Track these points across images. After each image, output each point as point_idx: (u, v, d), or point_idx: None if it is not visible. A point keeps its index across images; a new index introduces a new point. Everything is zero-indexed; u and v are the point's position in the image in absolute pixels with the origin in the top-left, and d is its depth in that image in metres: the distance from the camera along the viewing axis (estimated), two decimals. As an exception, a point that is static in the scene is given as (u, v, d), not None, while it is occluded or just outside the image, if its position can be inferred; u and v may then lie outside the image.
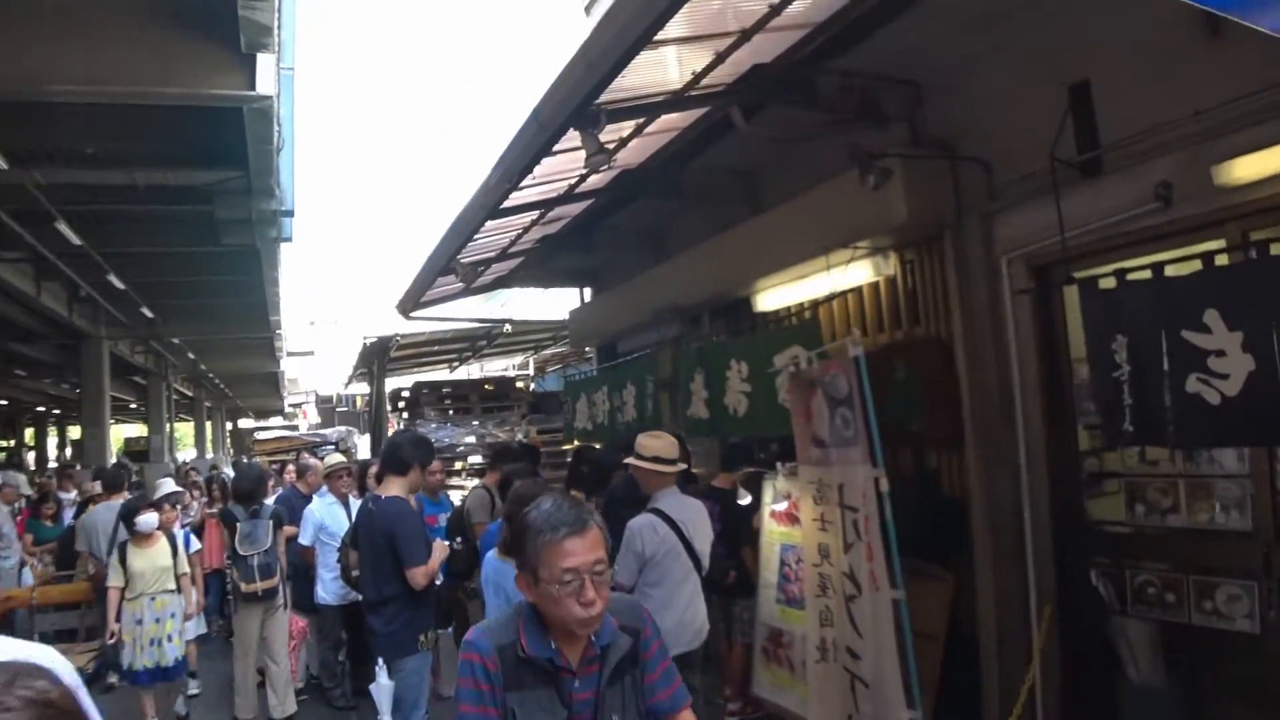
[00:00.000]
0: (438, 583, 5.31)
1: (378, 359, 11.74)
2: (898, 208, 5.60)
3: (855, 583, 4.74)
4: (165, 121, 12.16)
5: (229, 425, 51.18)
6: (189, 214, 15.48)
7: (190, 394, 40.45)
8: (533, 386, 14.33)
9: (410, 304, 9.71)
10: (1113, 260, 4.83)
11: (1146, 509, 5.06)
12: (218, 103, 10.38)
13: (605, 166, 5.15)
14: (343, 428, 15.59)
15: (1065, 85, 5.04)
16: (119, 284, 16.84)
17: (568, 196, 7.04)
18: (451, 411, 12.61)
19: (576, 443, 10.08)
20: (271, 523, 7.61)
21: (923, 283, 6.30)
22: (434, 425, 12.04)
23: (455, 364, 15.76)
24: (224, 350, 29.12)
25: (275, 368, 34.48)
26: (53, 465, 34.18)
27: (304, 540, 7.54)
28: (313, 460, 9.04)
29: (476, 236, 7.28)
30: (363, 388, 25.20)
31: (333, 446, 13.75)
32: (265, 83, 10.14)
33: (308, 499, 8.49)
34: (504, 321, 12.07)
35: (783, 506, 5.71)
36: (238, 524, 7.45)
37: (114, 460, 23.53)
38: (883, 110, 5.87)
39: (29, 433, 45.50)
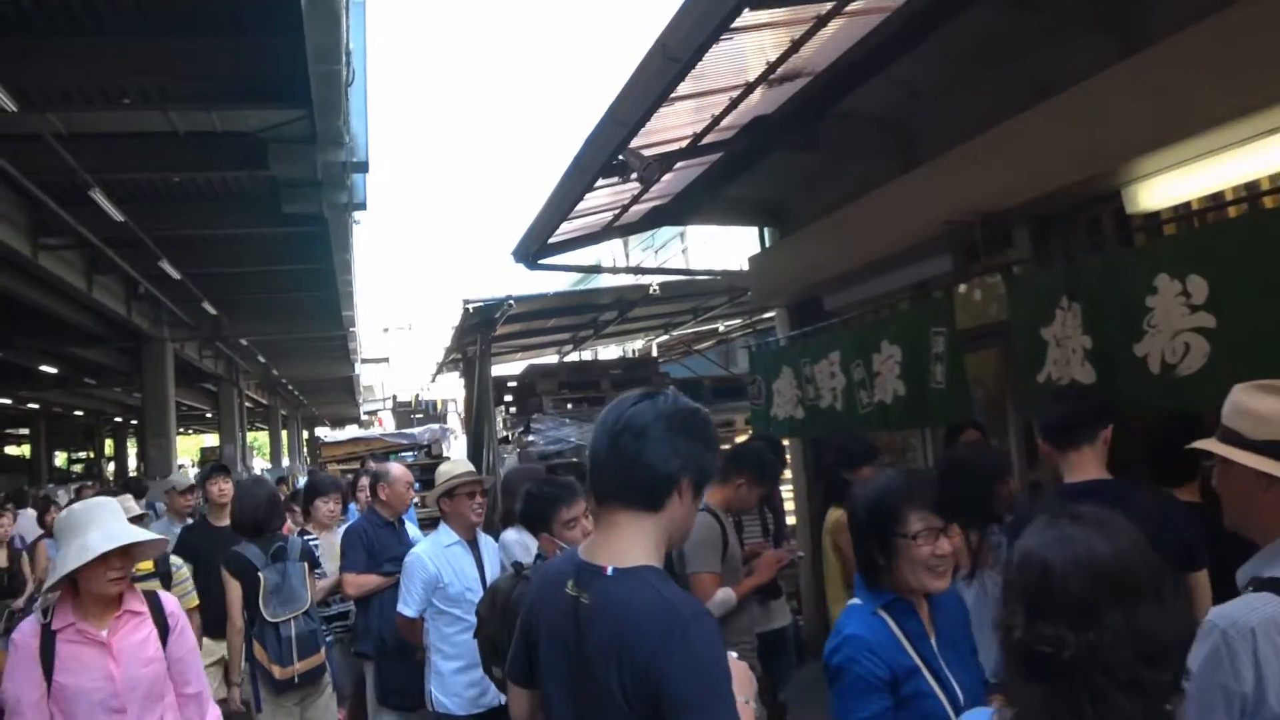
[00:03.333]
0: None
1: (481, 334, 8.63)
2: None
3: None
4: (208, 51, 9.34)
5: (305, 434, 48.79)
6: (244, 183, 12.72)
7: (265, 402, 38.23)
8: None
9: (537, 242, 6.40)
10: None
11: None
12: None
13: None
14: (436, 425, 12.42)
15: None
16: (174, 273, 14.12)
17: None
18: (570, 404, 9.49)
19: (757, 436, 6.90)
20: (305, 565, 4.80)
21: None
22: (549, 424, 8.92)
23: (568, 348, 12.49)
24: (296, 353, 26.51)
25: (350, 372, 31.79)
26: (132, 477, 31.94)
27: (408, 609, 4.36)
28: (393, 466, 5.91)
29: (679, 91, 4.10)
30: (447, 385, 22.16)
31: (421, 452, 10.71)
32: (329, -39, 7.21)
33: (394, 529, 5.44)
34: (661, 272, 8.71)
35: None
36: (259, 574, 4.56)
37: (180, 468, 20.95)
38: None
39: (109, 444, 43.44)
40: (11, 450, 40.51)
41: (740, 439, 9.01)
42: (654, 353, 13.09)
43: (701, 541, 3.91)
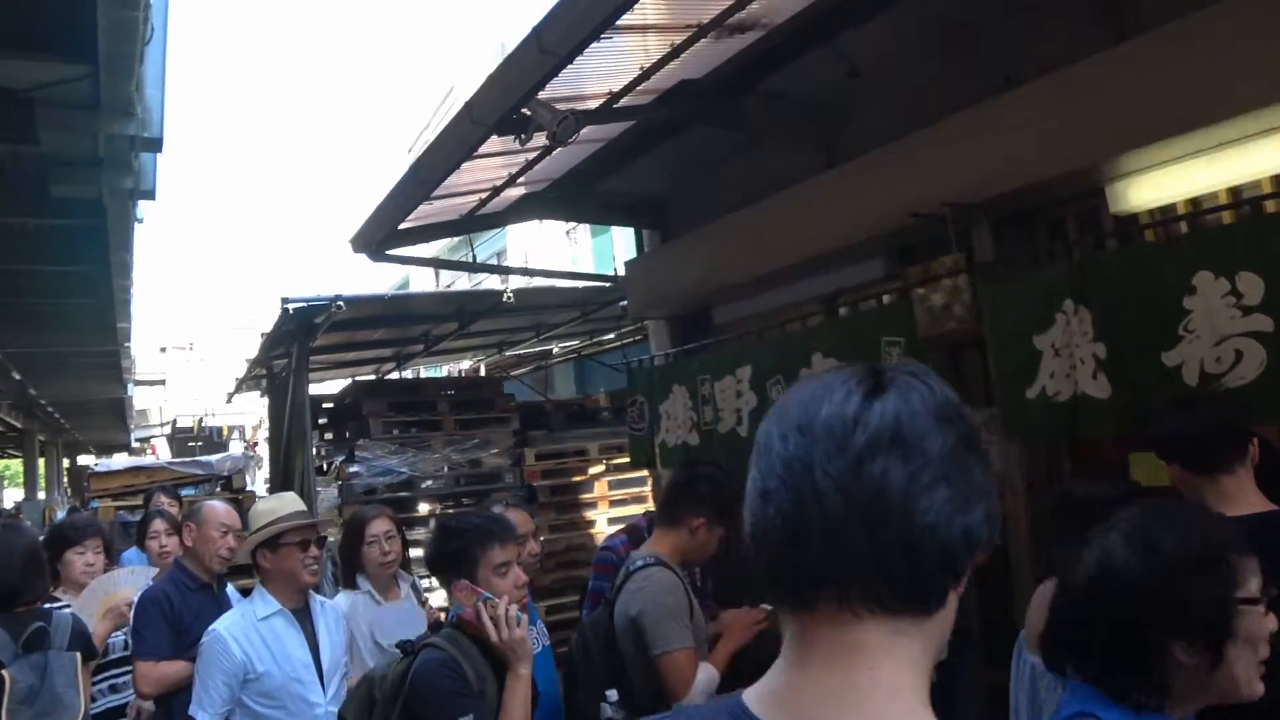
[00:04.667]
0: None
1: (298, 344, 7.19)
2: None
3: None
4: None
5: (65, 462, 43.87)
6: (4, 158, 10.72)
7: (19, 425, 33.96)
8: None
9: (390, 225, 5.18)
10: None
11: None
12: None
13: None
14: (237, 453, 10.73)
15: None
16: (-96, 266, 11.77)
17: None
18: (395, 430, 8.19)
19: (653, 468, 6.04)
20: (78, 656, 3.24)
21: None
22: (375, 452, 7.60)
23: (389, 367, 10.95)
24: (59, 370, 23.31)
25: (122, 393, 28.47)
26: None
27: (202, 712, 3.09)
28: (211, 503, 4.38)
29: (626, 20, 3.17)
30: (245, 409, 19.98)
31: (217, 484, 9.14)
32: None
33: (211, 592, 4.09)
34: (529, 272, 7.45)
35: None
36: (3, 672, 3.02)
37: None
38: None
39: None
40: None
41: (595, 469, 8.08)
42: (482, 373, 11.96)
43: (671, 609, 2.91)
